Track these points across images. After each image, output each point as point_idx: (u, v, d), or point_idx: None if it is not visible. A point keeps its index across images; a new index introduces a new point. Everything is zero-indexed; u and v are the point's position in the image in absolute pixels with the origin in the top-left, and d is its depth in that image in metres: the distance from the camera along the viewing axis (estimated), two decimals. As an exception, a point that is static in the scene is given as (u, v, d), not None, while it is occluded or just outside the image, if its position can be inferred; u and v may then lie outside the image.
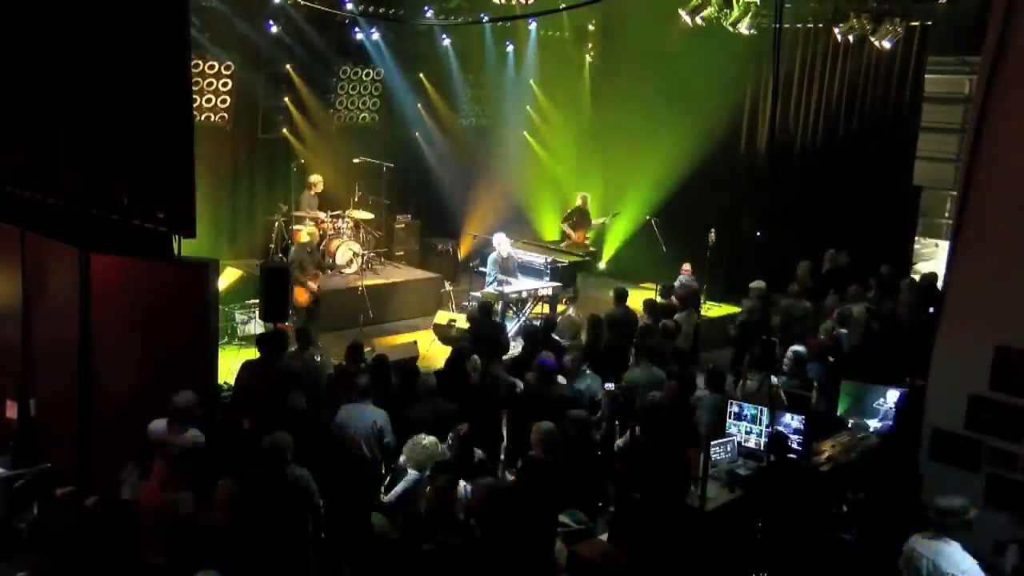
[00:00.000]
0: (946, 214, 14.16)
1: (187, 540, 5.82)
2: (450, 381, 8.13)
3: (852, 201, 13.90)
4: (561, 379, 8.22)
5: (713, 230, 13.91)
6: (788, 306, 10.96)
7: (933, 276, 11.26)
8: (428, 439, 6.57)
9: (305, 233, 12.23)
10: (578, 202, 15.40)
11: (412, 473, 6.44)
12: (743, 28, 13.24)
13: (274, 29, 13.21)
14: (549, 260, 13.87)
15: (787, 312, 10.89)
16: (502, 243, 12.97)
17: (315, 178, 13.62)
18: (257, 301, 11.42)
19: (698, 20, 13.19)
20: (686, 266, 13.06)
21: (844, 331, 10.04)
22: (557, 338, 9.96)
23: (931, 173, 13.81)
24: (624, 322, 10.23)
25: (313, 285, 11.72)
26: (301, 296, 11.74)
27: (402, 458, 6.60)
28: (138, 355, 7.78)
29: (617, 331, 10.00)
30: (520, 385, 8.41)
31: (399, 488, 6.44)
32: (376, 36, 14.37)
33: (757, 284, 11.39)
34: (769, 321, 11.10)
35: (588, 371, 8.51)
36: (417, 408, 7.41)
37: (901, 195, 13.85)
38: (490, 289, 12.51)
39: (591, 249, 15.55)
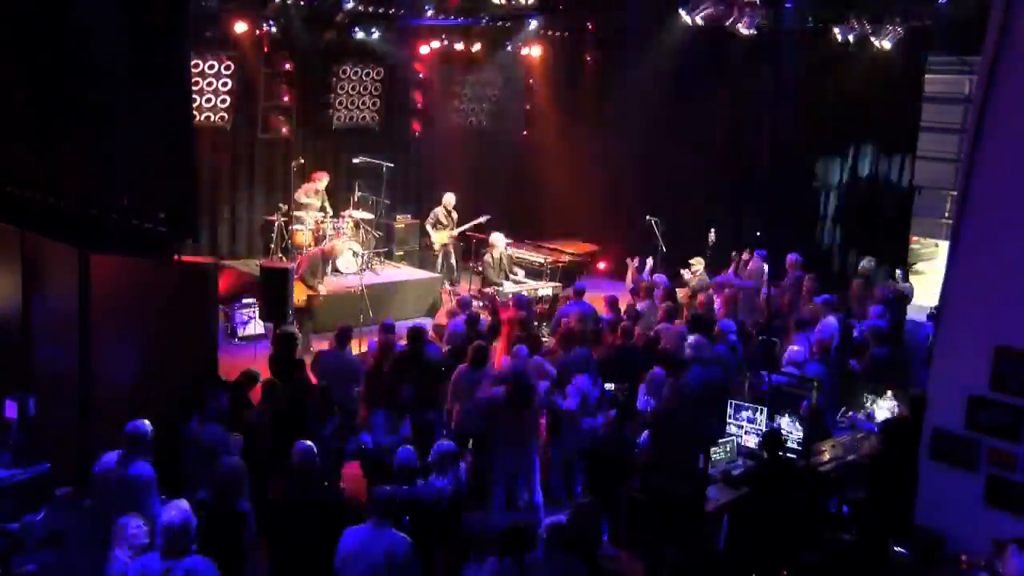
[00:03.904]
0: (946, 214, 14.15)
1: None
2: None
3: (852, 201, 13.90)
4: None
5: (713, 230, 13.90)
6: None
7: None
8: None
9: (330, 245, 12.69)
10: (443, 203, 14.63)
11: None
12: (743, 28, 13.24)
13: (274, 29, 13.20)
14: (549, 260, 13.88)
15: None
16: (498, 243, 12.95)
17: (319, 175, 13.65)
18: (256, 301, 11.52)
19: (698, 19, 13.19)
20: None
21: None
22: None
23: (931, 173, 13.80)
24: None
25: (323, 290, 12.09)
26: (298, 297, 11.84)
27: None
28: (138, 355, 7.79)
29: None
30: None
31: None
32: (376, 36, 14.37)
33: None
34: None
35: None
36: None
37: (900, 195, 13.86)
38: (488, 290, 12.51)
39: (593, 248, 15.55)
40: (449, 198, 14.51)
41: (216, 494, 5.80)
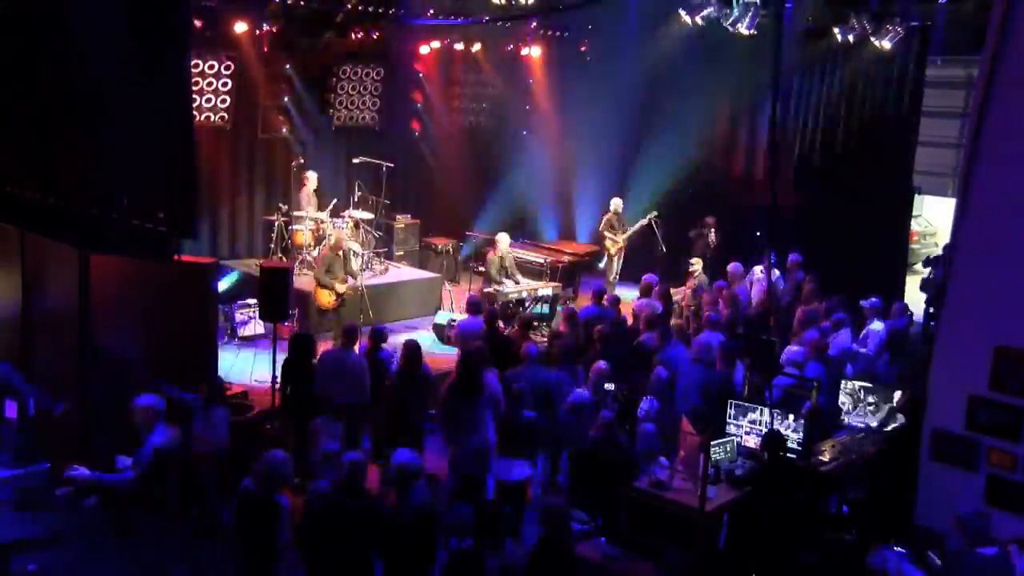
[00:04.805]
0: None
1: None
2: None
3: (851, 201, 13.89)
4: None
5: (713, 230, 13.90)
6: None
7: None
8: None
9: (337, 235, 12.37)
10: (612, 208, 14.95)
11: None
12: (743, 28, 13.24)
13: (274, 29, 13.21)
14: (549, 260, 13.88)
15: None
16: (501, 242, 12.95)
17: (307, 175, 13.64)
18: (256, 301, 11.51)
19: (698, 20, 13.19)
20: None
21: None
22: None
23: (932, 170, 13.82)
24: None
25: (341, 288, 11.88)
26: (325, 299, 11.86)
27: None
28: (138, 355, 7.79)
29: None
30: None
31: None
32: (376, 36, 14.37)
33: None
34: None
35: None
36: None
37: (900, 196, 13.86)
38: (489, 290, 12.51)
39: (593, 248, 15.56)
40: (617, 202, 14.75)
41: (259, 484, 6.03)
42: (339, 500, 6.01)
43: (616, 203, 14.77)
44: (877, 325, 10.28)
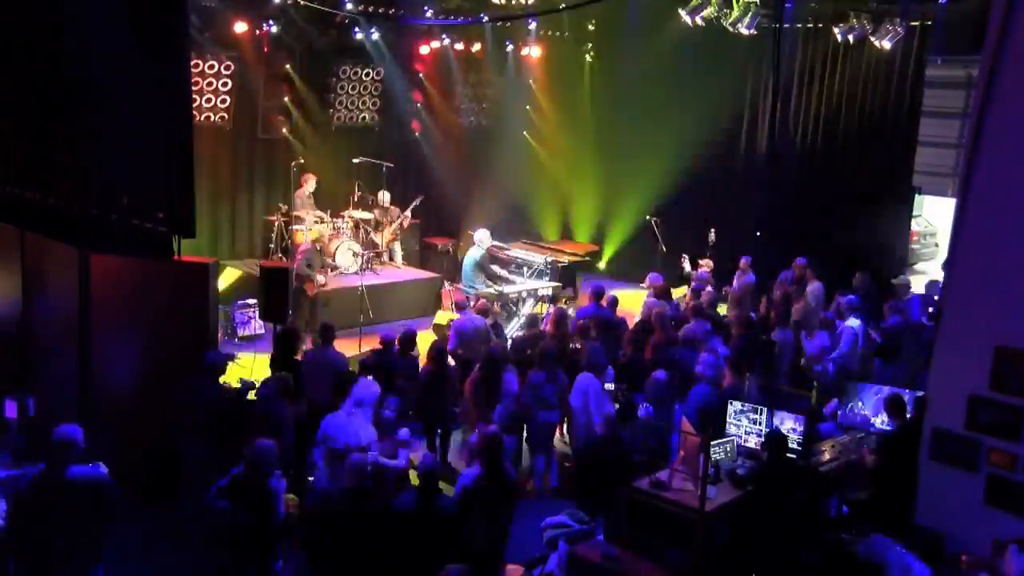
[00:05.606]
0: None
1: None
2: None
3: (851, 201, 13.90)
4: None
5: (713, 230, 13.89)
6: None
7: None
8: None
9: (316, 231, 12.48)
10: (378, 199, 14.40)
11: None
12: (743, 28, 13.23)
13: (274, 29, 13.21)
14: (549, 260, 13.88)
15: None
16: (484, 240, 12.82)
17: (307, 177, 13.65)
18: (256, 301, 11.52)
19: (698, 20, 13.18)
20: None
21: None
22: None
23: (933, 168, 13.80)
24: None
25: (322, 279, 12.20)
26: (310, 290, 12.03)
27: None
28: (138, 355, 7.79)
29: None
30: None
31: None
32: (376, 36, 14.38)
33: None
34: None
35: None
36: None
37: (900, 195, 13.86)
38: (489, 290, 12.48)
39: (593, 248, 15.57)
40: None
41: (248, 470, 6.03)
42: (348, 500, 5.99)
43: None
44: (853, 322, 10.26)
